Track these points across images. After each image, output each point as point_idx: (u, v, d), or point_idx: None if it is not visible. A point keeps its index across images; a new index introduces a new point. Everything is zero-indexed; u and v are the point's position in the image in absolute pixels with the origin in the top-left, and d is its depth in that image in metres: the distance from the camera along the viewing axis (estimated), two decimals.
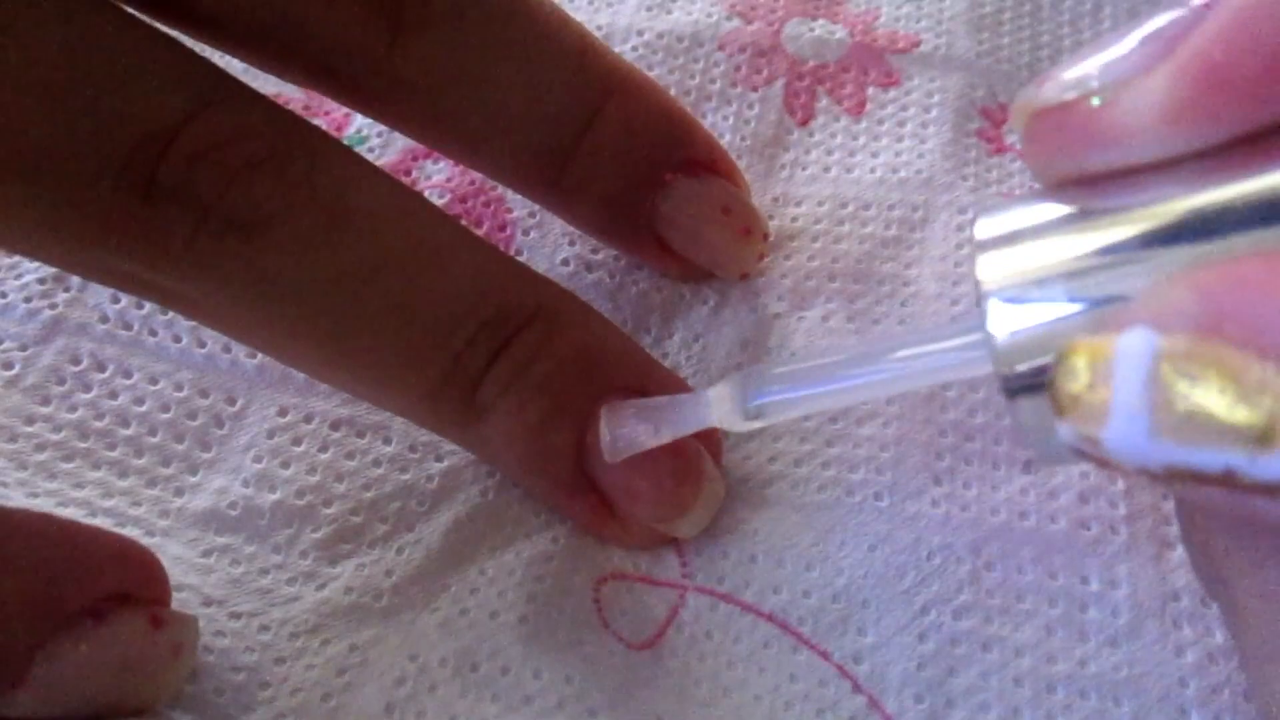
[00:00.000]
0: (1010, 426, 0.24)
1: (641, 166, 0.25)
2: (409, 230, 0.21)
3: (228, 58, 0.22)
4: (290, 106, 0.23)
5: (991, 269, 0.15)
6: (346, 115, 0.30)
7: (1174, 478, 0.13)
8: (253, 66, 0.22)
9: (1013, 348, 0.15)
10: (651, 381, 0.23)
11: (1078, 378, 0.13)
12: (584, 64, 0.24)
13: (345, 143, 0.24)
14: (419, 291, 0.21)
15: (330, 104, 0.30)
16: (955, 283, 0.26)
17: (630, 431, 0.21)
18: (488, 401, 0.22)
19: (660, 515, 0.22)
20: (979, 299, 0.15)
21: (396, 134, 0.30)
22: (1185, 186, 0.14)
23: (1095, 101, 0.15)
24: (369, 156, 0.26)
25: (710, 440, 0.24)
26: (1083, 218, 0.15)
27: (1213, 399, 0.12)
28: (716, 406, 0.20)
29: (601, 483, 0.22)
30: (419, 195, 0.22)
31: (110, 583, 0.19)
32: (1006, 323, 0.15)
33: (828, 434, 0.24)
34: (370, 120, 0.29)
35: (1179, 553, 0.22)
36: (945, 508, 0.23)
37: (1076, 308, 0.14)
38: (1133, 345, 0.13)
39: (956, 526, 0.23)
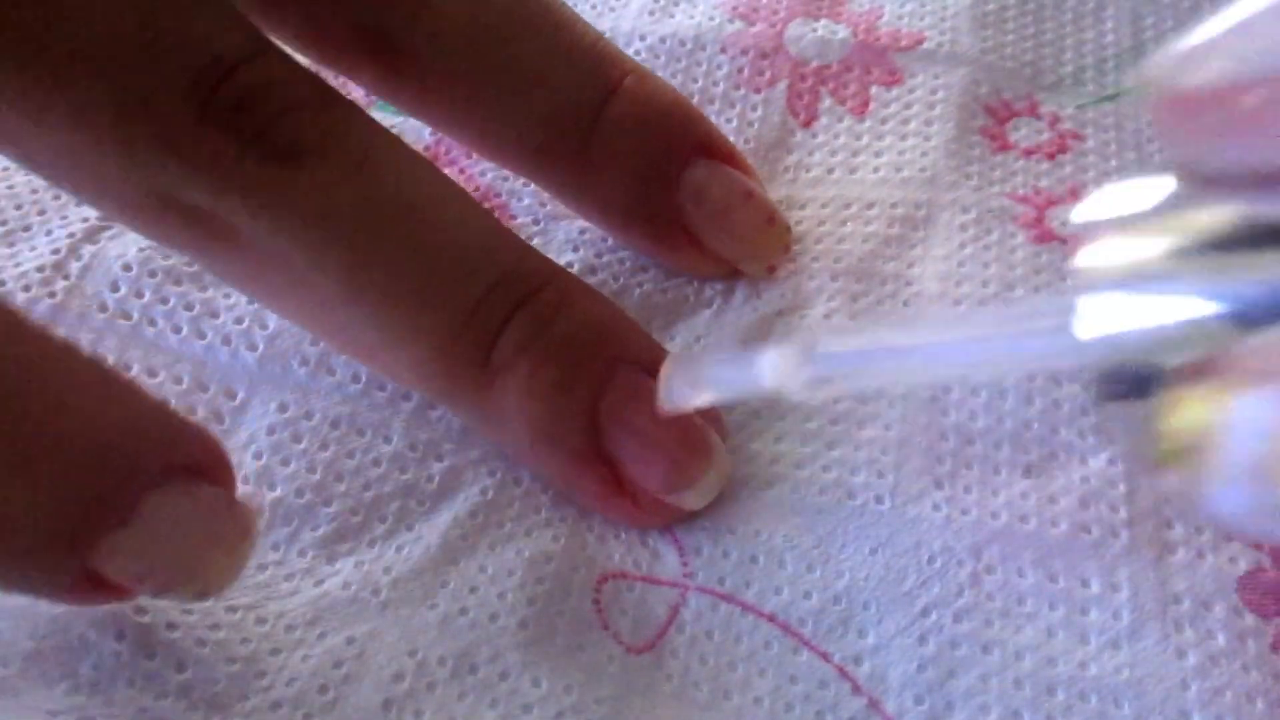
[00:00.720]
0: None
1: (662, 142, 0.25)
2: (432, 186, 0.22)
3: None
4: None
5: (1092, 259, 0.14)
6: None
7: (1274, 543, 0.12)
8: (276, 37, 0.23)
9: (1106, 345, 0.14)
10: (657, 357, 0.23)
11: (1178, 437, 0.13)
12: (596, 46, 0.25)
13: None
14: (440, 236, 0.22)
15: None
16: (958, 282, 0.26)
17: (693, 383, 0.21)
18: (503, 360, 0.22)
19: (671, 484, 0.23)
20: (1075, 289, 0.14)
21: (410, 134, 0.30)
22: None
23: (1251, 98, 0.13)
24: None
25: (714, 418, 0.24)
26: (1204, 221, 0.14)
27: None
28: (781, 369, 0.19)
29: (613, 452, 0.22)
30: (434, 164, 0.23)
31: (196, 452, 0.19)
32: (1101, 319, 0.14)
33: (829, 436, 0.24)
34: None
35: (1180, 556, 0.22)
36: (946, 511, 0.23)
37: (1173, 318, 0.13)
38: (1249, 412, 0.12)
39: (957, 530, 0.23)
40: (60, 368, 0.17)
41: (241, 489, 0.21)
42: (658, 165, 0.25)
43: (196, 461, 0.19)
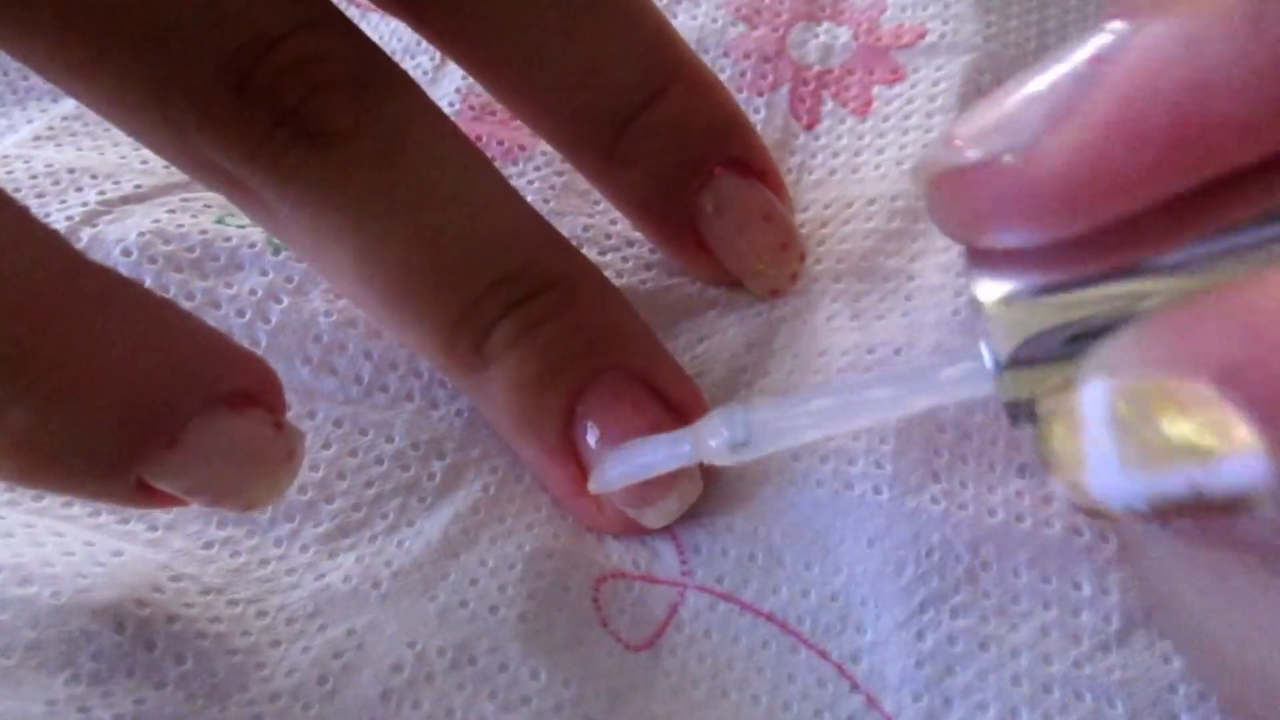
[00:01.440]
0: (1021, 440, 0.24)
1: (693, 153, 0.25)
2: (460, 173, 0.23)
3: None
4: None
5: (988, 292, 0.16)
6: None
7: (1156, 512, 0.14)
8: None
9: (1012, 380, 0.16)
10: (655, 368, 0.23)
11: (1055, 434, 0.15)
12: (657, 45, 0.25)
13: None
14: (455, 229, 0.23)
15: None
16: (959, 273, 0.26)
17: (615, 471, 0.22)
18: (494, 352, 0.23)
19: (630, 499, 0.23)
20: (979, 329, 0.16)
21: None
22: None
23: (1006, 160, 0.15)
24: None
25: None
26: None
27: (1164, 424, 0.13)
28: (702, 443, 0.20)
29: (582, 454, 0.23)
30: (477, 147, 0.24)
31: (243, 379, 0.20)
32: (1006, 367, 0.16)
33: None
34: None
35: None
36: (944, 504, 0.23)
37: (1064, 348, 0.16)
38: (1092, 393, 0.14)
39: (955, 524, 0.23)
40: (117, 301, 0.18)
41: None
42: (680, 174, 0.26)
43: (247, 387, 0.20)
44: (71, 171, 0.28)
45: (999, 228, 0.16)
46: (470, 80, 0.31)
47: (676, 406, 0.23)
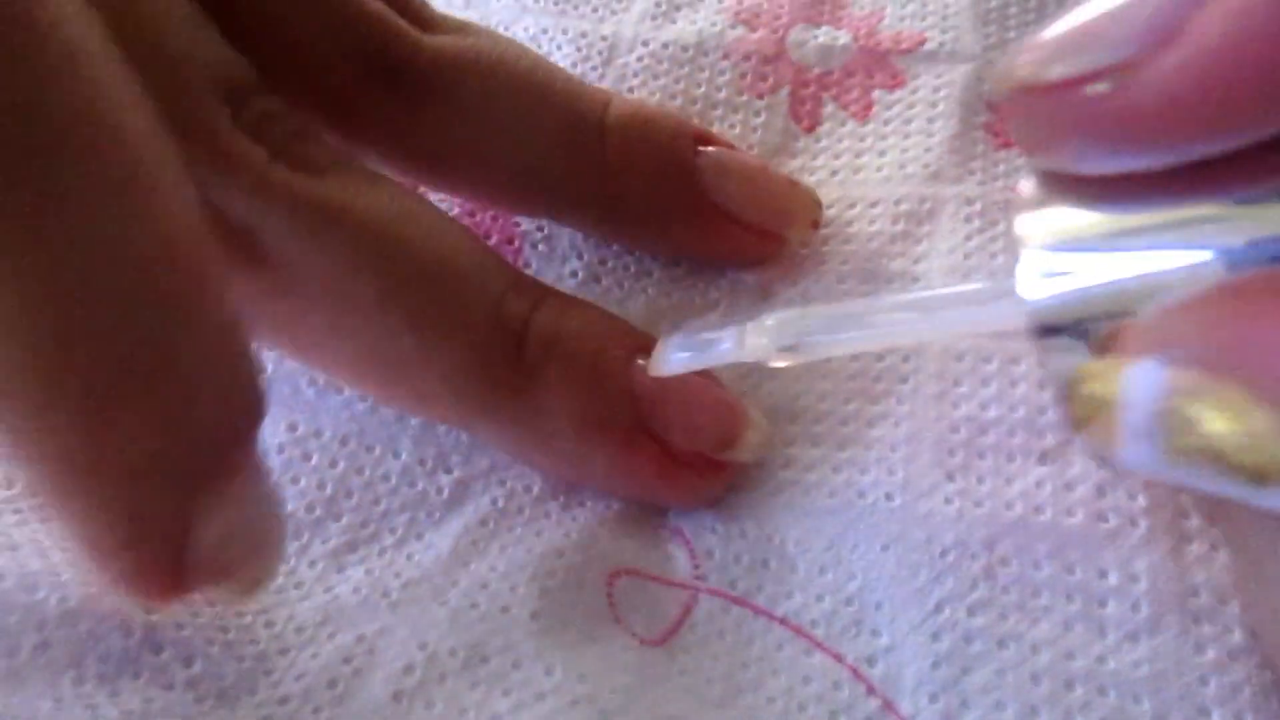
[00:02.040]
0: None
1: (670, 130, 0.26)
2: (434, 209, 0.23)
3: None
4: None
5: (1028, 227, 0.16)
6: None
7: (1185, 489, 0.13)
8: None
9: (1045, 309, 0.15)
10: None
11: (1090, 403, 0.14)
12: (574, 88, 0.26)
13: None
14: (459, 246, 0.23)
15: None
16: (964, 275, 0.26)
17: (678, 355, 0.22)
18: (534, 358, 0.22)
19: (724, 440, 0.23)
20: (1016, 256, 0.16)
21: None
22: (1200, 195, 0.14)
23: (1098, 87, 0.14)
24: None
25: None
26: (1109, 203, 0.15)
27: (1215, 437, 0.12)
28: (752, 340, 0.21)
29: (661, 426, 0.23)
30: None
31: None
32: (1039, 283, 0.15)
33: (839, 438, 0.24)
34: None
35: (1196, 546, 0.21)
36: (958, 504, 0.22)
37: (1104, 279, 0.14)
38: (1141, 379, 0.13)
39: (970, 522, 0.22)
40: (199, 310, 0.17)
41: None
42: (672, 151, 0.26)
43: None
44: None
45: (1082, 149, 0.14)
46: None
47: None
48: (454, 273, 0.22)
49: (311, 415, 0.25)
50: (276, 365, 0.25)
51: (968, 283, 0.19)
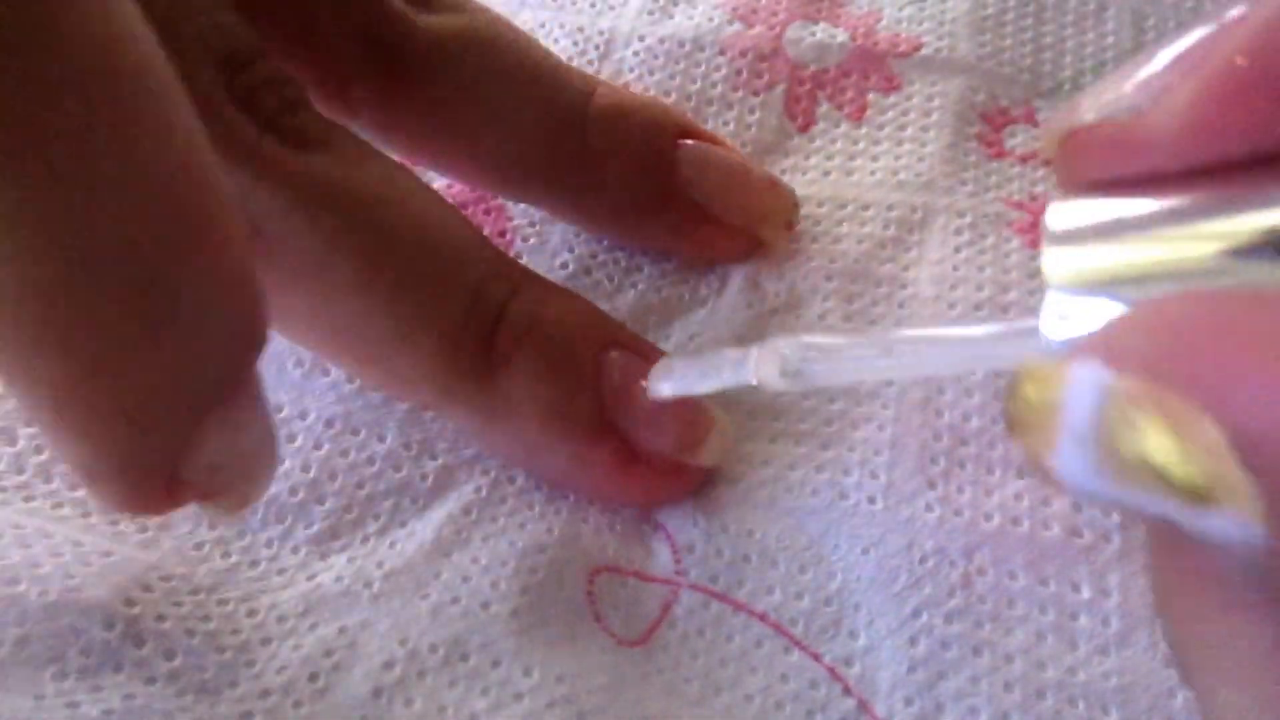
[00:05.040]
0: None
1: (653, 120, 0.26)
2: (423, 187, 0.23)
3: None
4: None
5: (1054, 264, 0.15)
6: None
7: (1117, 509, 0.13)
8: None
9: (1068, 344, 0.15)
10: (635, 342, 0.24)
11: (1028, 403, 0.13)
12: (562, 75, 0.26)
13: None
14: (441, 228, 0.23)
15: None
16: (952, 285, 0.26)
17: (678, 381, 0.22)
18: (504, 349, 0.22)
19: (685, 442, 0.23)
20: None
21: None
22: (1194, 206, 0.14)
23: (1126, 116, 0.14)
24: None
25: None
26: (1126, 228, 0.15)
27: (1153, 449, 0.11)
28: (758, 365, 0.21)
29: (624, 423, 0.23)
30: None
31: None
32: (1062, 323, 0.15)
33: (823, 437, 0.24)
34: None
35: None
36: (939, 511, 0.23)
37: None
38: (1082, 380, 0.12)
39: (950, 530, 0.23)
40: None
41: None
42: (651, 143, 0.26)
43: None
44: None
45: (1104, 161, 0.15)
46: None
47: None
48: (434, 255, 0.22)
49: (297, 397, 0.25)
50: None
51: (988, 322, 0.19)
